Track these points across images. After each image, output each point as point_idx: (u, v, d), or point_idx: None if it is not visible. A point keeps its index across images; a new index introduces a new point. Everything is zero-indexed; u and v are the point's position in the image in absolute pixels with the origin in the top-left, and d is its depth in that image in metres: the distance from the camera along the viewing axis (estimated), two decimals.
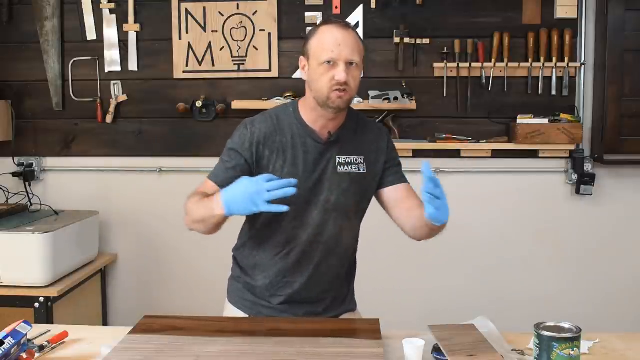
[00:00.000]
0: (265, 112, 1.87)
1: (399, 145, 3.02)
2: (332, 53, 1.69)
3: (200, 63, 3.18)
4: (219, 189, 1.75)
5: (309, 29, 3.10)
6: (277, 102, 3.05)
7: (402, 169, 1.92)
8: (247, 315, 1.89)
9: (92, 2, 3.19)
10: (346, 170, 1.80)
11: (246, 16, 3.15)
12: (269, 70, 3.16)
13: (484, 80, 3.08)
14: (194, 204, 1.74)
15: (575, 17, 3.06)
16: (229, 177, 1.77)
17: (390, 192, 1.87)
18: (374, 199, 1.91)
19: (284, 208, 1.59)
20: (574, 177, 3.12)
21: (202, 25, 3.16)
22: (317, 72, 1.72)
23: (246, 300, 1.90)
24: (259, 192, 1.58)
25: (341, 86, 1.69)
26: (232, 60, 3.18)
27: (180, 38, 3.18)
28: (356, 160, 1.81)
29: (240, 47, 3.17)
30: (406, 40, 3.08)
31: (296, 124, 1.81)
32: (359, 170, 1.81)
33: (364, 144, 1.84)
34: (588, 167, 3.10)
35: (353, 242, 1.92)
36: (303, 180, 1.76)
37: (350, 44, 1.71)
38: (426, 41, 3.09)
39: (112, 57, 3.22)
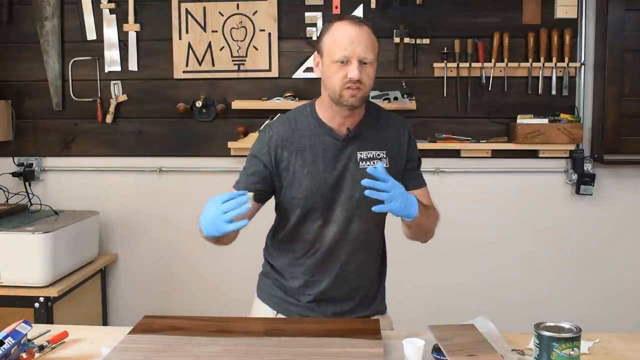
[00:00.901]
0: (285, 114, 1.88)
1: None
2: (345, 51, 1.69)
3: (200, 63, 3.18)
4: None
5: (309, 29, 3.11)
6: (277, 102, 3.05)
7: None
8: (275, 312, 1.89)
9: (92, 2, 3.19)
10: (369, 165, 1.77)
11: (246, 16, 3.15)
12: (269, 70, 3.16)
13: (484, 80, 3.08)
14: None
15: (575, 17, 3.06)
16: (249, 183, 1.80)
17: None
18: None
19: (243, 223, 1.55)
20: (574, 177, 3.12)
21: (202, 25, 3.16)
22: (330, 69, 1.71)
23: (275, 297, 1.90)
24: (217, 217, 1.56)
25: (354, 84, 1.69)
26: (232, 60, 3.18)
27: (180, 38, 3.18)
28: (378, 155, 1.80)
29: (240, 47, 3.17)
30: (406, 40, 3.08)
31: (314, 123, 1.80)
32: (383, 165, 1.79)
33: (386, 139, 1.83)
34: (588, 167, 3.11)
35: (380, 239, 1.91)
36: (324, 178, 1.77)
37: (363, 41, 1.71)
38: (426, 41, 3.09)
39: (112, 57, 3.22)
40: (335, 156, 1.78)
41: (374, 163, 1.78)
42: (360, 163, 1.78)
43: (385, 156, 1.81)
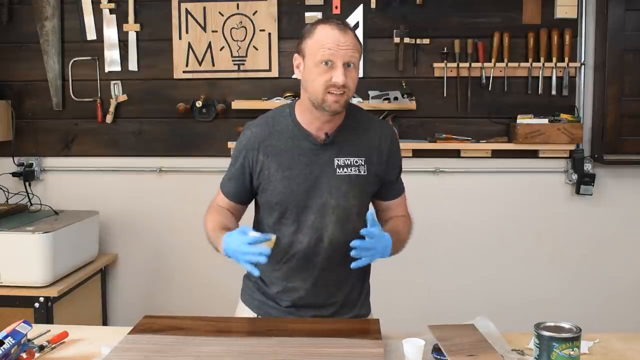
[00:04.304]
0: (265, 114, 1.86)
1: None
2: (330, 52, 1.64)
3: (200, 63, 3.18)
4: (227, 200, 1.85)
5: None
6: (277, 102, 3.05)
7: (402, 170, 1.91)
8: (255, 315, 1.89)
9: (92, 2, 3.19)
10: (346, 172, 1.75)
11: (246, 16, 3.15)
12: (269, 70, 3.16)
13: (484, 80, 3.08)
14: (209, 230, 1.77)
15: (575, 17, 3.06)
16: (231, 188, 1.85)
17: (383, 204, 1.89)
18: None
19: (255, 272, 1.63)
20: (574, 177, 3.12)
21: (202, 25, 3.16)
22: (313, 72, 1.67)
23: (255, 300, 1.90)
24: (238, 252, 1.62)
25: (338, 89, 1.65)
26: (232, 60, 3.18)
27: (180, 38, 3.18)
28: (356, 162, 1.77)
29: (240, 47, 3.17)
30: (406, 40, 3.08)
31: (292, 126, 1.77)
32: (359, 172, 1.77)
33: (365, 145, 1.79)
34: (588, 167, 3.10)
35: None
36: (299, 183, 1.74)
37: (349, 44, 1.66)
38: (426, 41, 3.09)
39: (112, 57, 3.22)
40: (311, 161, 1.75)
41: (351, 170, 1.76)
42: (338, 169, 1.75)
43: (363, 163, 1.77)
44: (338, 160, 1.76)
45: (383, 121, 1.92)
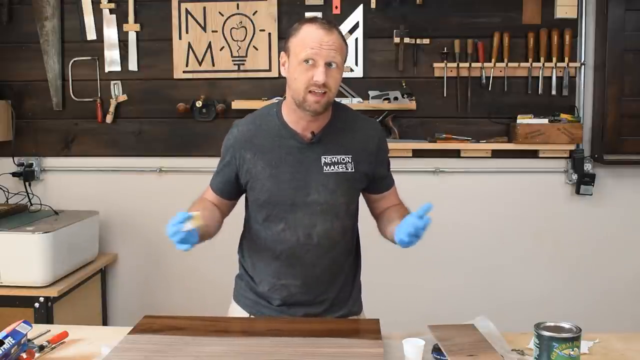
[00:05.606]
0: (253, 113, 1.88)
1: (399, 145, 3.05)
2: (312, 51, 1.65)
3: (200, 63, 3.18)
4: (215, 195, 1.86)
5: None
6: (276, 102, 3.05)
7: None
8: (248, 314, 1.89)
9: (92, 2, 3.19)
10: (333, 170, 1.76)
11: (246, 16, 3.15)
12: (269, 70, 3.16)
13: (484, 80, 3.08)
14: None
15: (575, 17, 3.06)
16: (218, 183, 1.86)
17: (375, 196, 1.90)
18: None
19: (183, 247, 1.58)
20: (574, 177, 3.12)
21: (202, 25, 3.17)
22: (296, 70, 1.68)
23: (247, 299, 1.91)
24: (169, 236, 1.58)
25: (319, 88, 1.66)
26: (232, 60, 3.18)
27: (180, 38, 3.18)
28: (343, 159, 1.78)
29: (240, 47, 3.17)
30: (406, 40, 3.08)
31: (278, 125, 1.78)
32: (347, 169, 1.77)
33: (352, 143, 1.79)
34: (588, 167, 3.10)
35: (348, 242, 1.89)
36: (286, 182, 1.75)
37: (332, 44, 1.66)
38: (426, 41, 3.09)
39: (112, 57, 3.22)
40: (298, 160, 1.76)
41: (338, 167, 1.76)
42: (325, 167, 1.76)
43: (350, 160, 1.78)
44: (325, 158, 1.77)
45: (370, 120, 1.91)
